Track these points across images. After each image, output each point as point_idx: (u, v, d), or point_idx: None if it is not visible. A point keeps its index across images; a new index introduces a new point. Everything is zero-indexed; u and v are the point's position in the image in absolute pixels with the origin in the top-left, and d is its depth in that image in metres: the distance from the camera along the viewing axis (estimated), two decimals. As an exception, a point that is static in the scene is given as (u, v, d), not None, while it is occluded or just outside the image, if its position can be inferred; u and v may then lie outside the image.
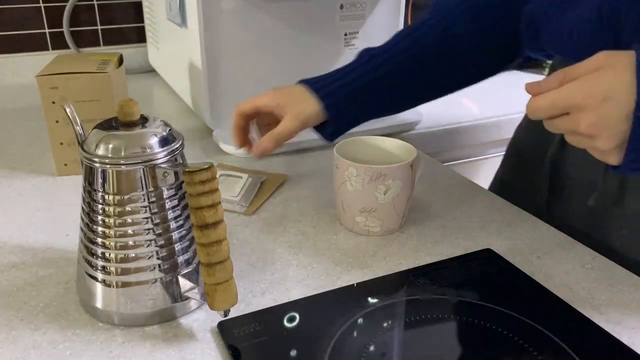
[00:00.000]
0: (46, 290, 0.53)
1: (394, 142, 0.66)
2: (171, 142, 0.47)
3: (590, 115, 0.43)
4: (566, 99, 0.44)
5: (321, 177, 0.77)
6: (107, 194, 0.46)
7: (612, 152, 0.45)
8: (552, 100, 0.45)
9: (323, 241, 0.62)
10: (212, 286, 0.44)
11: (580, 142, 0.47)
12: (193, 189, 0.42)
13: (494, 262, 0.57)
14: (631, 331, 0.48)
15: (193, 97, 0.93)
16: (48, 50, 1.22)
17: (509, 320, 0.49)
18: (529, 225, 0.65)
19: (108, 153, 0.45)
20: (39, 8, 1.19)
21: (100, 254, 0.47)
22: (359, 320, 0.49)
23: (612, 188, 0.63)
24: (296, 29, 0.88)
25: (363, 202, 0.60)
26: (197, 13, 0.80)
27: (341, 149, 0.64)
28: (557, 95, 0.45)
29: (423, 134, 0.97)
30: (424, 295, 0.52)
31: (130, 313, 0.48)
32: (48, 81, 0.71)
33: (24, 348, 0.46)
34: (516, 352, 0.45)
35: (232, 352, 0.45)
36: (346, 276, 0.56)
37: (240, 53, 0.86)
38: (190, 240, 0.49)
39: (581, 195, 0.66)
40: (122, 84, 0.79)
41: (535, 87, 0.47)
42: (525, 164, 0.76)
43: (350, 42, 0.93)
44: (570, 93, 0.44)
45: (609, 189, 0.63)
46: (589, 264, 0.58)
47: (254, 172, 0.75)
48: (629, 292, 0.53)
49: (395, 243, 0.61)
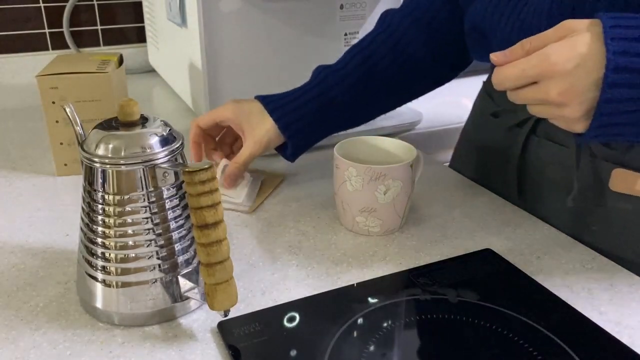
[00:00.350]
0: (46, 290, 0.53)
1: (394, 142, 0.66)
2: (171, 142, 0.47)
3: (560, 83, 0.44)
4: (536, 67, 0.44)
5: (321, 177, 0.77)
6: (107, 194, 0.46)
7: (579, 120, 0.45)
8: (521, 69, 0.45)
9: (323, 241, 0.62)
10: (212, 286, 0.44)
11: (547, 111, 0.47)
12: (193, 189, 0.42)
13: (494, 262, 0.57)
14: (631, 331, 0.48)
15: (193, 97, 0.93)
16: (48, 50, 1.22)
17: (509, 320, 0.49)
18: (529, 225, 0.65)
19: (108, 153, 0.45)
20: (39, 8, 1.19)
21: (100, 254, 0.47)
22: (359, 320, 0.49)
23: (589, 187, 0.63)
24: (296, 29, 0.88)
25: (363, 202, 0.60)
26: (197, 13, 0.80)
27: (341, 149, 0.64)
28: (526, 64, 0.45)
29: (423, 134, 0.97)
30: (424, 295, 0.52)
31: (130, 313, 0.48)
32: (48, 81, 0.71)
33: (24, 348, 0.46)
34: (516, 352, 0.45)
35: (232, 352, 0.45)
36: (346, 276, 0.56)
37: (240, 53, 0.86)
38: (190, 240, 0.49)
39: (557, 194, 0.67)
40: (122, 84, 0.79)
41: (501, 56, 0.47)
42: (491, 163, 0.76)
43: (350, 42, 0.93)
44: (540, 61, 0.44)
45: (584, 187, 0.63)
46: (589, 264, 0.58)
47: (253, 170, 0.75)
48: (629, 292, 0.53)
49: (395, 243, 0.61)
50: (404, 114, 0.97)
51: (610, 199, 0.61)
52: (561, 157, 0.65)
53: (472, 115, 0.84)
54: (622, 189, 0.60)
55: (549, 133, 0.66)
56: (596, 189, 0.62)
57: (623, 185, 0.60)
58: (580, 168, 0.63)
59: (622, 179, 0.60)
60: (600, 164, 0.62)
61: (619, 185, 0.60)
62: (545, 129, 0.67)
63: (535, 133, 0.68)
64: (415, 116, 0.96)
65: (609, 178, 0.61)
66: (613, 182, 0.61)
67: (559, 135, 0.65)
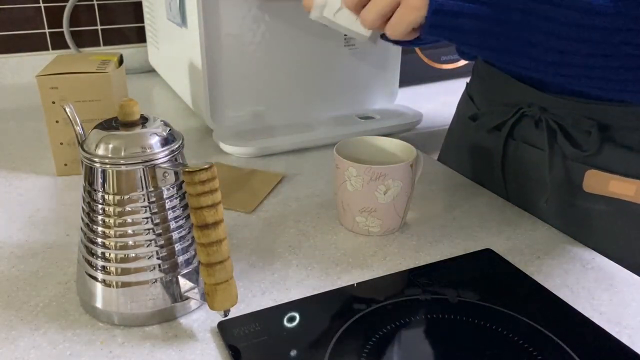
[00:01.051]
0: (46, 290, 0.53)
1: (394, 142, 0.66)
2: (171, 142, 0.47)
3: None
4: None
5: (321, 177, 0.77)
6: (107, 193, 0.46)
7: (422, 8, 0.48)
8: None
9: (323, 241, 0.62)
10: (212, 286, 0.44)
11: None
12: (193, 189, 0.42)
13: (494, 262, 0.57)
14: (631, 331, 0.48)
15: (193, 97, 0.93)
16: (48, 50, 1.23)
17: (509, 320, 0.49)
18: (529, 225, 0.65)
19: (108, 153, 0.45)
20: (39, 8, 1.19)
21: (100, 254, 0.47)
22: (359, 320, 0.49)
23: (563, 189, 0.63)
24: (296, 29, 0.88)
25: (363, 202, 0.60)
26: (197, 13, 0.80)
27: (341, 149, 0.64)
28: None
29: (423, 134, 0.97)
30: (424, 295, 0.52)
31: (130, 313, 0.48)
32: (48, 81, 0.71)
33: (24, 348, 0.46)
34: (516, 352, 0.45)
35: (232, 352, 0.45)
36: (346, 276, 0.56)
37: (240, 53, 0.86)
38: (190, 240, 0.49)
39: (537, 197, 0.67)
40: (122, 84, 0.79)
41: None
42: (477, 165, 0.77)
43: (350, 42, 0.93)
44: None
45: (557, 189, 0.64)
46: (589, 264, 0.58)
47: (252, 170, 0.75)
48: (629, 292, 0.53)
49: (395, 243, 0.61)
50: (404, 114, 0.97)
51: (585, 200, 0.62)
52: (537, 160, 0.66)
53: (456, 117, 0.84)
54: (595, 190, 0.61)
55: (525, 136, 0.67)
56: (569, 191, 0.63)
57: (597, 187, 0.61)
58: (552, 170, 0.63)
59: (595, 180, 0.61)
60: (573, 166, 0.62)
61: (592, 186, 0.61)
62: (521, 131, 0.68)
63: (512, 137, 0.69)
64: (415, 116, 0.96)
65: (582, 179, 0.61)
66: (587, 184, 0.61)
67: (533, 137, 0.66)
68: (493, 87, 0.72)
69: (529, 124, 0.67)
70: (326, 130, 0.89)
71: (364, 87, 0.98)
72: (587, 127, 0.61)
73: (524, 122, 0.67)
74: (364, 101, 0.99)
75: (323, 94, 0.95)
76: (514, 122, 0.68)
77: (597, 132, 0.60)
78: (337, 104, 0.97)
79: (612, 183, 0.59)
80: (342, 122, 0.93)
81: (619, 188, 0.59)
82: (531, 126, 0.67)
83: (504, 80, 0.69)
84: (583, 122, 0.61)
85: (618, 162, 0.60)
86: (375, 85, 0.98)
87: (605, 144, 0.60)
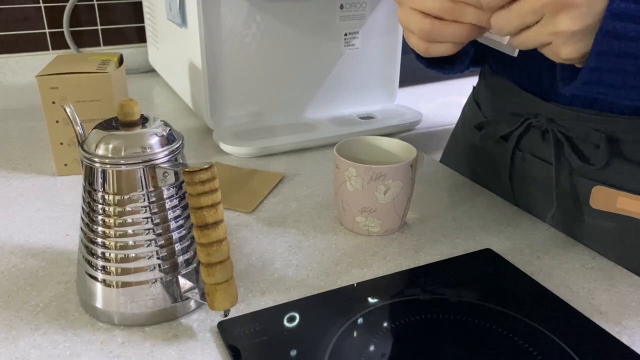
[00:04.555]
0: (46, 290, 0.53)
1: (394, 142, 0.66)
2: (171, 142, 0.47)
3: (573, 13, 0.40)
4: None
5: (321, 177, 0.77)
6: (107, 193, 0.46)
7: (571, 37, 0.41)
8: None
9: (323, 241, 0.62)
10: (212, 286, 0.44)
11: (536, 30, 0.42)
12: (193, 189, 0.42)
13: (494, 262, 0.57)
14: (631, 331, 0.48)
15: (193, 97, 0.93)
16: (48, 50, 1.23)
17: (508, 321, 0.49)
18: (529, 225, 0.65)
19: (108, 153, 0.45)
20: (39, 8, 1.19)
21: (100, 254, 0.47)
22: (359, 320, 0.49)
23: (569, 205, 0.63)
24: (296, 29, 0.88)
25: (363, 202, 0.60)
26: (197, 13, 0.80)
27: (341, 149, 0.64)
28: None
29: (423, 134, 0.97)
30: (424, 295, 0.52)
31: (130, 313, 0.48)
32: (48, 81, 0.71)
33: (24, 348, 0.46)
34: (516, 352, 0.45)
35: (232, 352, 0.45)
36: (346, 276, 0.56)
37: (240, 53, 0.86)
38: (190, 240, 0.49)
39: (543, 211, 0.66)
40: (122, 84, 0.79)
41: None
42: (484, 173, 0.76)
43: (350, 42, 0.93)
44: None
45: (563, 205, 0.63)
46: (589, 264, 0.58)
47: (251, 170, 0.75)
48: (629, 292, 0.53)
49: (395, 243, 0.61)
50: (404, 114, 0.97)
51: (592, 216, 0.61)
52: (545, 175, 0.65)
53: (461, 122, 0.83)
54: (603, 207, 0.59)
55: (532, 148, 0.66)
56: (576, 207, 0.62)
57: (604, 203, 0.59)
58: (559, 185, 0.62)
59: (603, 197, 0.59)
60: (580, 181, 0.61)
61: (599, 203, 0.59)
62: (528, 143, 0.67)
63: (519, 148, 0.68)
64: (415, 116, 0.96)
65: (589, 195, 0.60)
66: (594, 200, 0.60)
67: (541, 150, 0.65)
68: (499, 96, 0.70)
69: (535, 135, 0.65)
70: (326, 130, 0.89)
71: (364, 87, 0.98)
72: (596, 140, 0.59)
73: (531, 133, 0.66)
74: (364, 101, 0.99)
75: (323, 94, 0.95)
76: (521, 133, 0.66)
77: (605, 145, 0.57)
78: (337, 104, 0.97)
79: (620, 200, 0.57)
80: (342, 122, 0.93)
81: (627, 205, 0.57)
82: (538, 138, 0.65)
83: (509, 89, 0.68)
84: (591, 134, 0.59)
85: (627, 177, 0.58)
86: (375, 85, 0.98)
87: (614, 159, 0.58)
